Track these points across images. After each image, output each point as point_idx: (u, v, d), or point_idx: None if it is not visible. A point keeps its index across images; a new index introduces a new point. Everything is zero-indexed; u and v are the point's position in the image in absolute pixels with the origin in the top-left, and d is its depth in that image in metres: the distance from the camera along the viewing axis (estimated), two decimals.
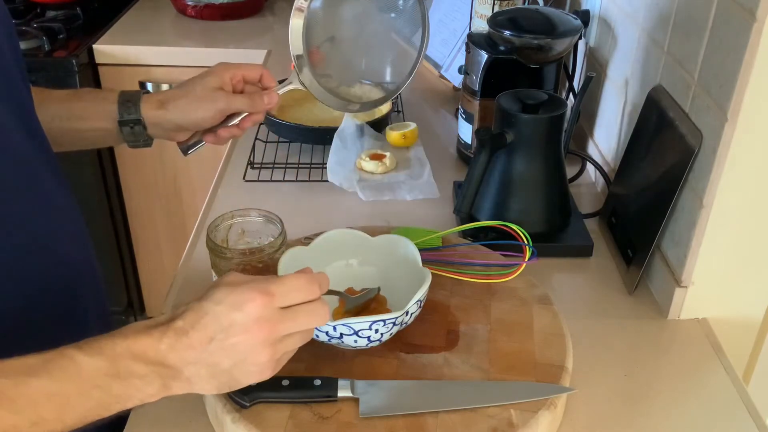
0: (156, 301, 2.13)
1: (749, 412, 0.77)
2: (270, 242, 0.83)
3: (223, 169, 1.24)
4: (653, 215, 0.90)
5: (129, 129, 0.84)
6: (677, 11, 0.92)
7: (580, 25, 1.11)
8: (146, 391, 0.57)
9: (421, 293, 0.73)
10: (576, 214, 1.07)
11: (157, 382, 0.57)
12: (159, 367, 0.56)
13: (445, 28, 1.60)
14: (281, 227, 0.86)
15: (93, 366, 0.54)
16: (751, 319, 0.91)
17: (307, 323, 0.62)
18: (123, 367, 0.55)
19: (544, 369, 0.74)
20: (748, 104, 0.75)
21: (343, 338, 0.71)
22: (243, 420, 0.68)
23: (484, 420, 0.68)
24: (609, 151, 1.18)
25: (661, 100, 0.95)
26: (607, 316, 0.91)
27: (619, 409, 0.77)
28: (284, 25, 1.96)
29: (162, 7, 2.03)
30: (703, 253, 0.85)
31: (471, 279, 0.86)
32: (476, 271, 0.88)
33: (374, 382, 0.71)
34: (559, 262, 1.01)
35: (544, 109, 0.99)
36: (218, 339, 0.57)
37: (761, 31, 0.72)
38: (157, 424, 0.74)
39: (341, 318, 0.70)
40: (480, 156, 0.98)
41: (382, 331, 0.71)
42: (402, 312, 0.71)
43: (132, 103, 0.84)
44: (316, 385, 0.70)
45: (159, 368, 0.56)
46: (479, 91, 1.17)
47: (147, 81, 1.81)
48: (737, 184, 0.81)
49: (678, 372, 0.83)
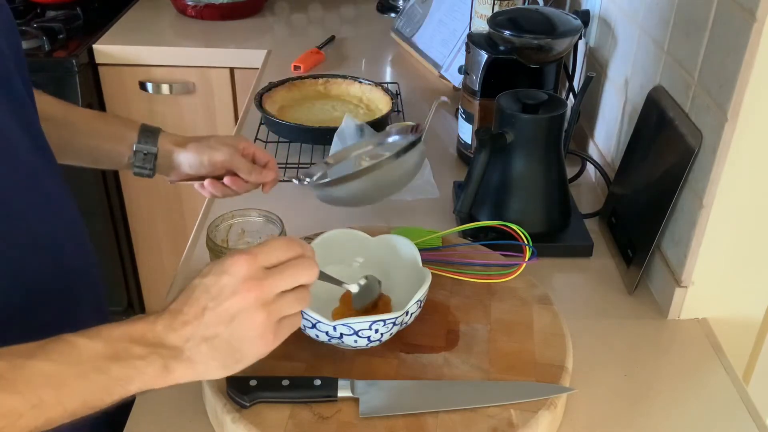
0: (156, 301, 2.13)
1: (749, 412, 0.77)
2: None
3: None
4: (653, 215, 0.91)
5: (141, 156, 0.90)
6: (677, 11, 0.92)
7: (580, 25, 1.11)
8: (147, 372, 0.56)
9: (421, 293, 0.73)
10: (576, 214, 1.07)
11: (157, 363, 0.57)
12: (158, 348, 0.57)
13: (445, 28, 1.60)
14: (281, 227, 0.86)
15: (91, 348, 0.55)
16: (751, 319, 0.91)
17: (295, 277, 0.61)
18: (122, 349, 0.55)
19: (544, 369, 0.74)
20: (748, 104, 0.75)
21: (343, 338, 0.71)
22: (243, 420, 0.68)
23: (484, 420, 0.68)
24: (609, 151, 1.18)
25: (661, 100, 0.95)
26: (607, 316, 0.91)
27: (619, 409, 0.77)
28: (284, 25, 1.97)
29: (162, 7, 2.03)
30: (703, 253, 0.85)
31: (471, 279, 0.86)
32: (476, 271, 0.88)
33: (374, 382, 0.71)
34: (559, 262, 1.01)
35: (544, 109, 0.99)
36: (210, 307, 0.58)
37: (761, 31, 0.72)
38: (157, 424, 0.74)
39: (343, 318, 0.70)
40: (480, 156, 0.98)
41: (382, 331, 0.71)
42: (402, 312, 0.71)
43: (152, 134, 0.91)
44: (316, 385, 0.70)
45: (158, 349, 0.57)
46: (479, 91, 1.17)
47: (147, 81, 1.81)
48: (737, 184, 0.81)
49: (678, 372, 0.83)
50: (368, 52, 1.77)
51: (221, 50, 1.79)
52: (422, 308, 0.76)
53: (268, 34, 1.91)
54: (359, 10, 2.07)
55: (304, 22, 2.00)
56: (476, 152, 0.99)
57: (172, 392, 0.77)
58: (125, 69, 1.81)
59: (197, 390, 0.76)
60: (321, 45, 1.76)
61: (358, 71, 1.66)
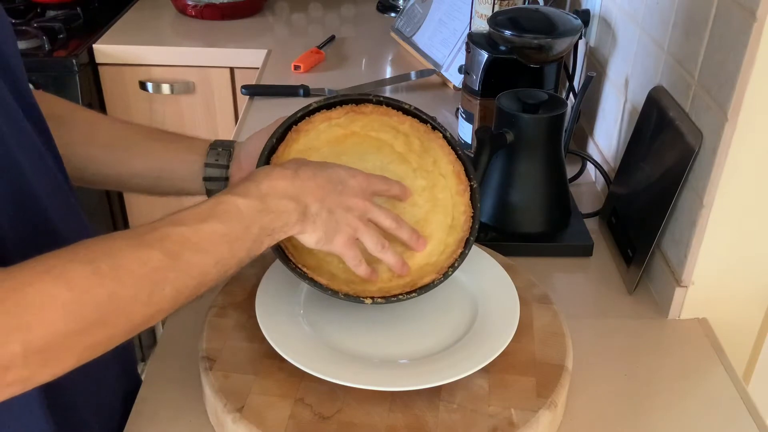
0: None
1: (749, 412, 0.77)
2: None
3: None
4: (653, 215, 0.91)
5: (216, 151, 0.84)
6: (677, 11, 0.92)
7: (580, 24, 1.11)
8: (289, 221, 0.66)
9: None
10: (576, 213, 1.07)
11: (295, 213, 0.66)
12: (296, 202, 0.66)
13: (445, 27, 1.60)
14: None
15: (250, 206, 0.63)
16: (751, 319, 0.91)
17: (384, 223, 0.73)
18: (272, 203, 0.65)
19: (543, 368, 0.74)
20: (748, 104, 0.75)
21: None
22: (243, 420, 0.68)
23: (484, 419, 0.69)
24: (609, 150, 1.18)
25: (661, 100, 0.95)
26: (607, 316, 0.91)
27: (619, 409, 0.77)
28: (284, 24, 1.97)
29: (162, 7, 2.03)
30: (703, 253, 0.85)
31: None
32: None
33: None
34: (559, 262, 1.01)
35: (544, 109, 0.99)
36: (339, 191, 0.69)
37: (761, 31, 0.72)
38: (157, 424, 0.74)
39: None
40: (480, 156, 0.98)
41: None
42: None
43: (224, 150, 0.84)
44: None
45: (296, 203, 0.66)
46: (479, 90, 1.17)
47: (147, 81, 1.81)
48: (737, 184, 0.81)
49: (678, 372, 0.83)
50: (368, 52, 1.77)
51: (221, 50, 1.79)
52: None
53: (268, 33, 1.91)
54: (359, 10, 2.07)
55: (304, 21, 2.00)
56: (476, 152, 0.99)
57: (172, 392, 0.77)
58: (125, 69, 1.81)
59: (197, 390, 0.76)
60: (321, 45, 1.76)
61: (359, 71, 1.67)
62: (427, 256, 0.78)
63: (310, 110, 0.79)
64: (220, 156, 0.83)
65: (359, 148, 0.80)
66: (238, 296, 0.83)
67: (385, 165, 0.80)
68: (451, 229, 0.79)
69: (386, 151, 0.80)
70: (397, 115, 0.81)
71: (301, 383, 0.72)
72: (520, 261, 0.91)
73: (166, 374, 0.80)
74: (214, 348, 0.76)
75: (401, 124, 0.81)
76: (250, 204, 0.63)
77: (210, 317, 0.80)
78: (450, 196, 0.80)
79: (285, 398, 0.70)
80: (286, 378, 0.72)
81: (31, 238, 0.62)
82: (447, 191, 0.80)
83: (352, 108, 0.80)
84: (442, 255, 0.78)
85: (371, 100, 0.80)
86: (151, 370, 0.81)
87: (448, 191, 0.80)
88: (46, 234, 0.65)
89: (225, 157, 0.83)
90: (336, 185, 0.69)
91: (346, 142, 0.80)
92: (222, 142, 0.85)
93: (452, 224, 0.80)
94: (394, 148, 0.80)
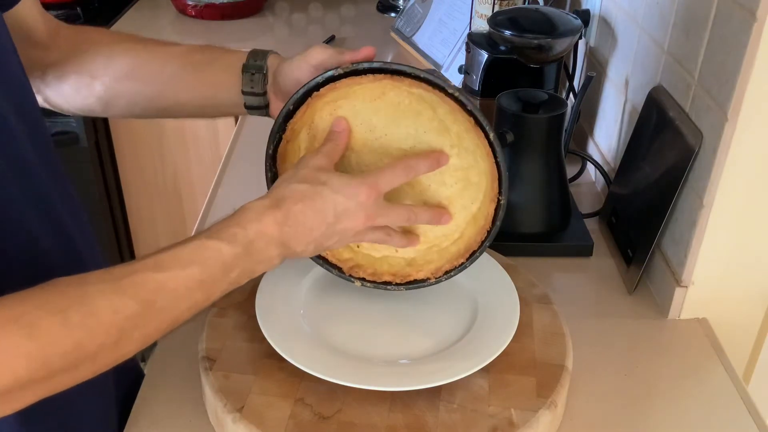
0: None
1: (749, 412, 0.77)
2: None
3: (223, 169, 1.24)
4: (653, 215, 0.91)
5: (249, 76, 0.83)
6: (677, 11, 0.92)
7: (580, 24, 1.11)
8: (272, 264, 0.66)
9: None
10: (576, 213, 1.07)
11: (279, 258, 0.66)
12: (283, 248, 0.66)
13: (445, 27, 1.60)
14: None
15: (234, 253, 0.62)
16: (751, 319, 0.91)
17: (399, 223, 0.72)
18: (257, 250, 0.64)
19: (544, 368, 0.74)
20: (748, 104, 0.75)
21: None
22: (243, 420, 0.68)
23: (484, 419, 0.68)
24: (609, 150, 1.18)
25: (661, 100, 0.95)
26: (607, 315, 0.91)
27: (619, 409, 0.77)
28: (284, 24, 1.97)
29: (162, 7, 2.03)
30: (703, 253, 0.85)
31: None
32: None
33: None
34: (559, 262, 1.01)
35: (544, 109, 0.99)
36: (330, 223, 0.67)
37: (761, 31, 0.72)
38: (157, 424, 0.74)
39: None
40: None
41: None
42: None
43: (257, 74, 0.83)
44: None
45: (283, 249, 0.66)
46: (479, 90, 1.17)
47: None
48: (737, 184, 0.81)
49: (678, 372, 0.83)
50: None
51: None
52: None
53: (268, 33, 1.91)
54: (359, 10, 2.07)
55: (304, 21, 2.00)
56: None
57: (172, 392, 0.77)
58: None
59: (197, 390, 0.76)
60: None
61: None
62: (441, 239, 0.76)
63: (334, 76, 0.71)
64: (254, 83, 0.82)
65: (395, 110, 0.71)
66: (238, 296, 0.83)
67: (420, 134, 0.71)
68: (474, 220, 0.75)
69: (424, 119, 0.71)
70: (438, 95, 0.70)
71: (301, 383, 0.72)
72: (520, 261, 0.91)
73: (166, 374, 0.80)
74: (214, 348, 0.76)
75: (442, 103, 0.70)
76: (235, 251, 0.62)
77: (210, 317, 0.80)
78: (485, 183, 0.73)
79: (285, 398, 0.70)
80: (286, 378, 0.72)
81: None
82: (484, 178, 0.73)
83: (387, 77, 0.70)
84: (453, 245, 0.76)
85: (409, 74, 0.70)
86: (151, 370, 0.81)
87: (485, 179, 0.73)
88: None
89: (259, 83, 0.83)
90: (329, 226, 0.67)
91: (383, 98, 0.71)
92: (254, 62, 0.83)
93: (476, 215, 0.74)
94: (437, 113, 0.71)
